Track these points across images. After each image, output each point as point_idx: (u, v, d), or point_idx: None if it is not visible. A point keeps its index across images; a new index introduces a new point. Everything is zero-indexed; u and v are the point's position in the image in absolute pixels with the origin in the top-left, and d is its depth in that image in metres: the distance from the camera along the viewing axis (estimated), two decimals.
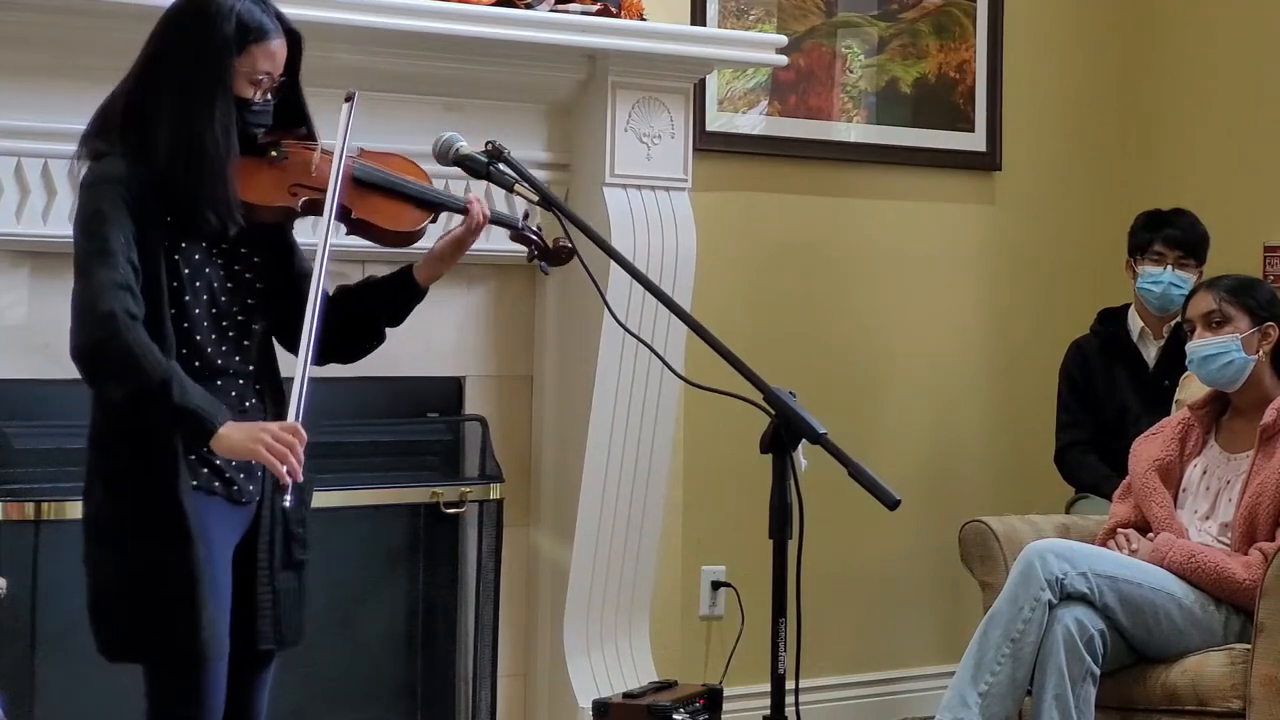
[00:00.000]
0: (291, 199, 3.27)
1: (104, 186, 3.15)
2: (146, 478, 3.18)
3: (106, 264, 3.09)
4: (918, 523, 5.72)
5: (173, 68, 3.21)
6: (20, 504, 4.22)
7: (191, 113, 3.17)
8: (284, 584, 3.32)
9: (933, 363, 5.95)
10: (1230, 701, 4.38)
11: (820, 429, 3.08)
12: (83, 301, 3.11)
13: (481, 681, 4.88)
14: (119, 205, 3.13)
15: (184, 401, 3.09)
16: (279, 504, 3.25)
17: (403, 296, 3.42)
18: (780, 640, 3.13)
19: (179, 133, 3.17)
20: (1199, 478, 4.71)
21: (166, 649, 3.18)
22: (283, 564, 3.32)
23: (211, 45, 3.19)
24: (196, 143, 3.16)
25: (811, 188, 5.70)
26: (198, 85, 3.18)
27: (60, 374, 4.30)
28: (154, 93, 3.21)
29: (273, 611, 3.30)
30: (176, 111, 3.18)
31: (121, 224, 3.12)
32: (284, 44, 3.27)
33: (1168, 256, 5.48)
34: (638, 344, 4.32)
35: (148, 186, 3.16)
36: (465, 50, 4.72)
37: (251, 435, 3.11)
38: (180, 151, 3.16)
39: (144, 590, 3.17)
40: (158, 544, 3.16)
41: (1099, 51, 6.29)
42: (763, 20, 5.56)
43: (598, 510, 4.97)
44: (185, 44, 3.22)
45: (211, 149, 3.17)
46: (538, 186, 3.35)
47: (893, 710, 5.82)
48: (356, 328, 3.43)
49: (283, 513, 3.30)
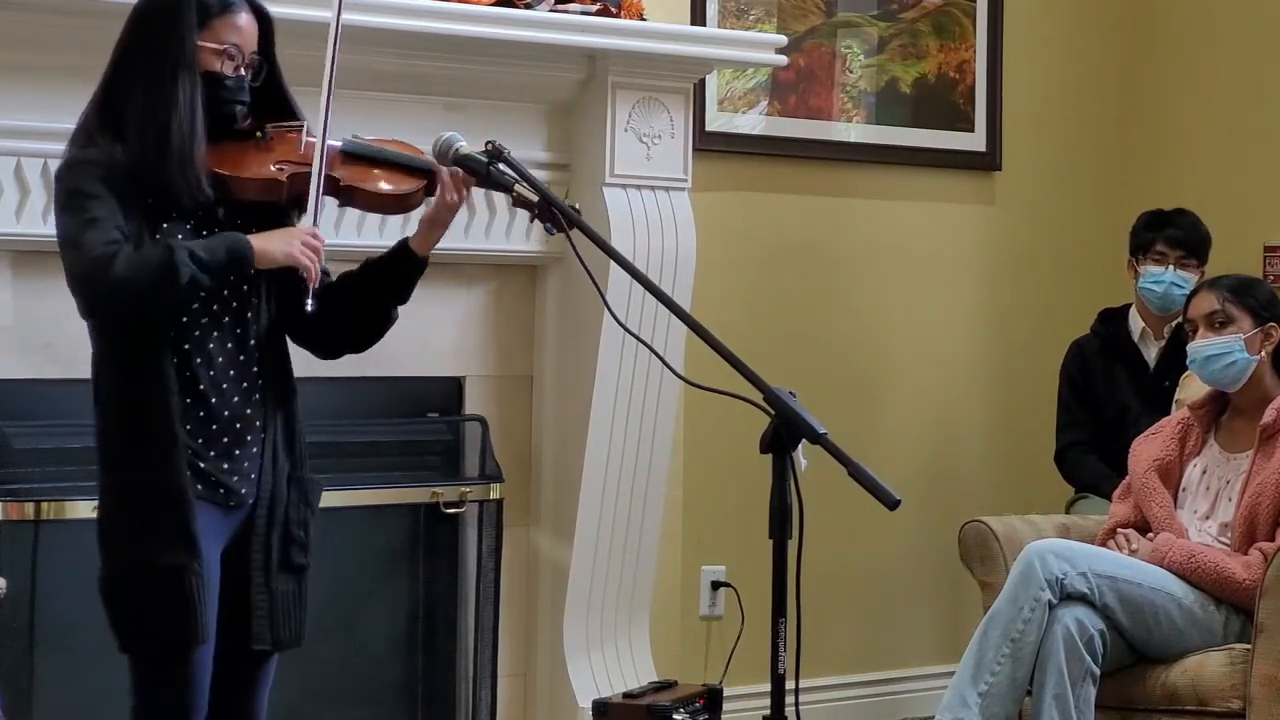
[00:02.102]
0: (277, 173, 3.30)
1: (80, 167, 3.19)
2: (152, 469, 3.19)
3: (96, 229, 3.12)
4: (918, 523, 5.72)
5: (138, 54, 3.25)
6: (20, 504, 4.22)
7: (158, 95, 3.20)
8: (281, 586, 3.32)
9: (933, 362, 5.95)
10: (1230, 701, 4.38)
11: (820, 429, 3.08)
12: (77, 270, 3.13)
13: (481, 681, 4.88)
14: (97, 183, 3.16)
15: (211, 258, 3.14)
16: (279, 504, 3.28)
17: (403, 269, 3.41)
18: (780, 640, 3.12)
19: (146, 115, 3.20)
20: (1199, 478, 4.71)
21: (157, 639, 3.20)
22: (280, 566, 3.32)
23: (174, 26, 3.23)
24: (163, 123, 3.19)
25: (811, 188, 5.70)
26: (162, 68, 3.21)
27: (60, 374, 4.31)
28: (123, 81, 3.25)
29: (268, 613, 3.30)
30: (143, 94, 3.21)
31: (103, 198, 3.15)
32: (252, 20, 3.30)
33: (1170, 256, 5.48)
34: (638, 344, 4.32)
35: (124, 170, 3.18)
36: (465, 50, 4.72)
37: (287, 241, 3.23)
38: (148, 133, 3.19)
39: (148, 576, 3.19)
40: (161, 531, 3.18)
41: (1099, 51, 6.29)
42: (763, 20, 5.56)
43: (598, 510, 4.97)
44: (149, 29, 3.26)
45: (176, 128, 3.19)
46: (538, 186, 3.35)
47: (893, 710, 5.82)
48: (364, 311, 3.43)
49: (283, 515, 3.31)
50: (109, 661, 3.30)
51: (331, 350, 3.46)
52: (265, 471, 3.29)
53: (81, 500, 4.19)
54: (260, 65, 3.31)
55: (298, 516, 3.34)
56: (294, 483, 3.34)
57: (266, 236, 3.23)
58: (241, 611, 3.28)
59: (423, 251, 3.41)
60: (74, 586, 4.24)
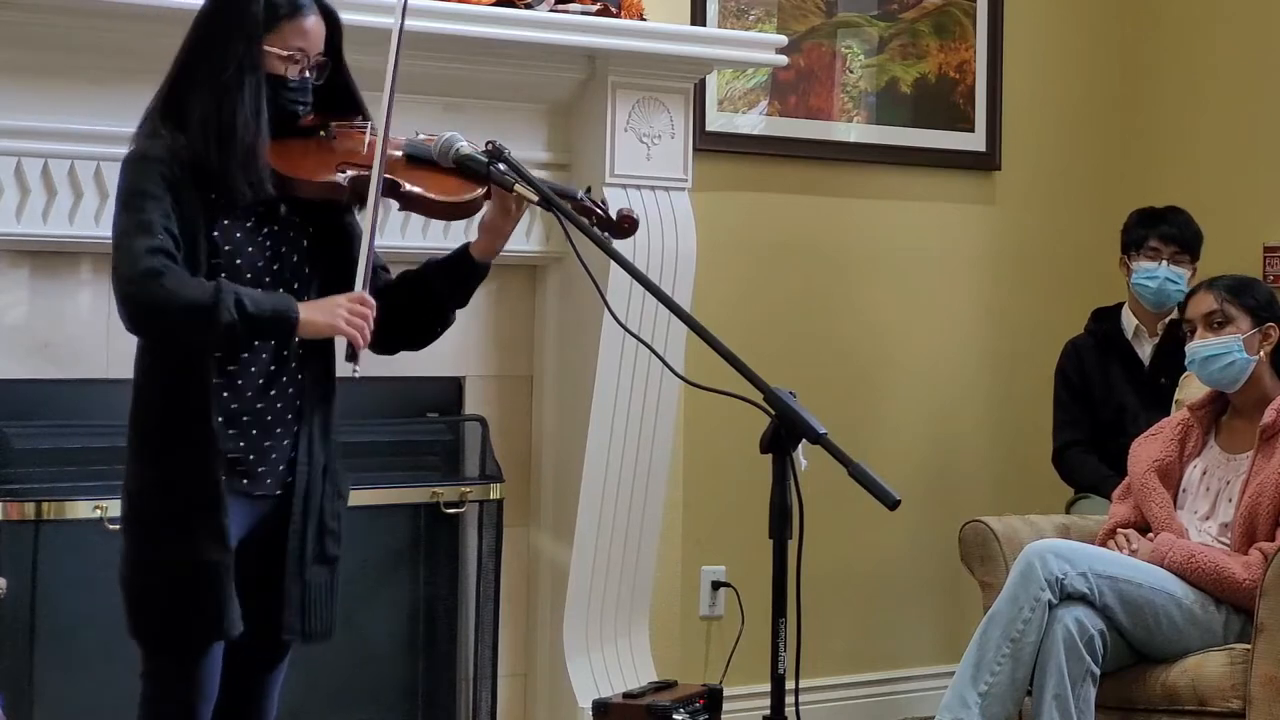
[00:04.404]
0: (338, 174, 3.29)
1: (143, 163, 3.20)
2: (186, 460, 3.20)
3: (144, 234, 3.13)
4: (918, 523, 5.72)
5: (205, 51, 3.26)
6: (20, 504, 4.22)
7: (222, 94, 3.21)
8: (315, 578, 3.33)
9: (933, 362, 5.95)
10: (1230, 701, 4.38)
11: (820, 429, 3.08)
12: (121, 273, 3.14)
13: (481, 681, 4.88)
14: (158, 181, 3.17)
15: (257, 311, 3.14)
16: (314, 496, 3.30)
17: (462, 274, 3.42)
18: (780, 640, 3.12)
19: (210, 114, 3.21)
20: (1199, 478, 4.71)
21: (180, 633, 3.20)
22: (315, 558, 3.33)
23: (241, 26, 3.24)
24: (227, 124, 3.20)
25: (811, 188, 5.70)
26: (228, 67, 3.22)
27: (60, 374, 4.32)
28: (189, 77, 3.26)
29: (300, 604, 3.31)
30: (209, 94, 3.22)
31: (159, 199, 3.16)
32: (320, 21, 3.31)
33: (1163, 252, 5.49)
34: (638, 344, 4.32)
35: (186, 166, 3.20)
36: (465, 50, 4.72)
37: (331, 312, 3.21)
38: (211, 132, 3.20)
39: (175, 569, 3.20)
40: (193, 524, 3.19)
41: (1099, 51, 6.29)
42: (763, 20, 5.56)
43: (598, 510, 4.97)
44: (217, 27, 3.27)
45: (241, 129, 3.20)
46: (538, 186, 3.35)
47: (893, 710, 5.82)
48: (422, 312, 3.45)
49: (318, 507, 3.32)
50: (109, 661, 3.31)
51: (387, 348, 3.46)
52: (300, 464, 3.31)
53: (82, 500, 4.19)
54: (326, 65, 3.32)
55: (332, 508, 3.36)
56: (329, 475, 3.36)
57: (315, 307, 3.22)
58: (270, 603, 3.29)
59: (484, 258, 3.41)
60: (74, 586, 4.25)
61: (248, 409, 3.25)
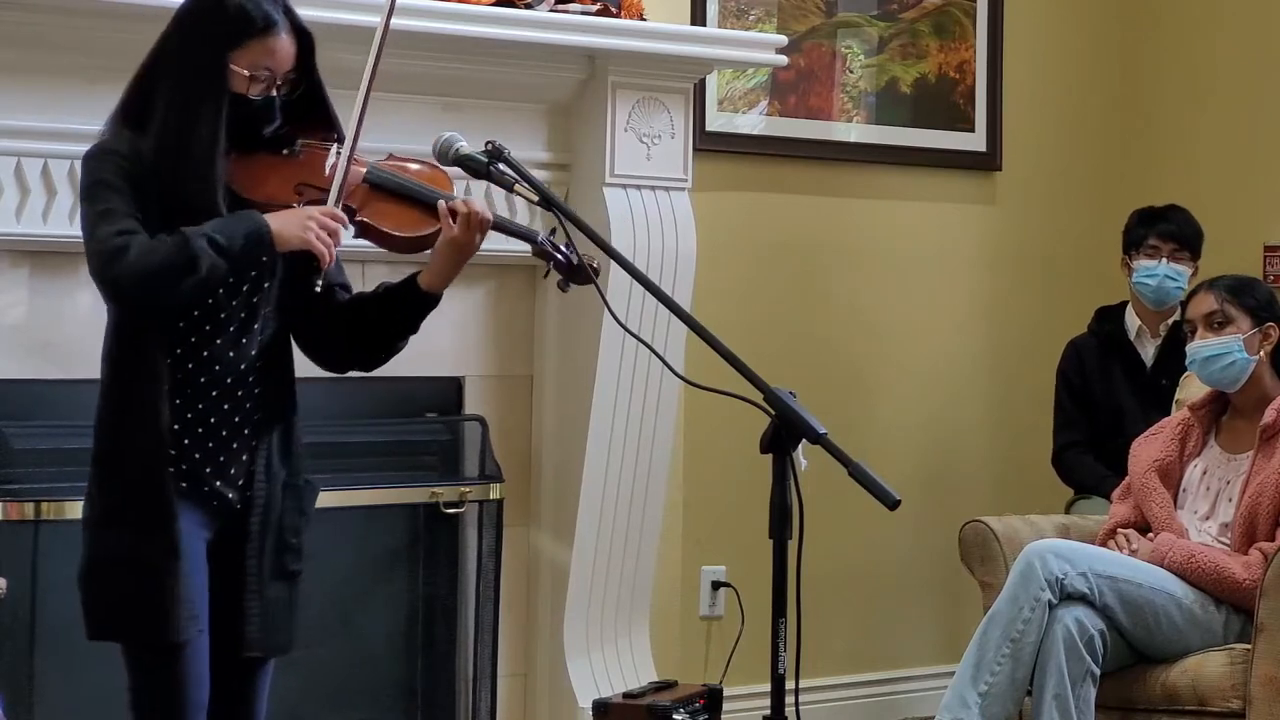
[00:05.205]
0: (296, 197, 3.24)
1: (106, 157, 3.19)
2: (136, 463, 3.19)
3: (106, 221, 3.12)
4: (917, 523, 5.72)
5: (172, 61, 3.23)
6: (20, 504, 4.22)
7: (182, 110, 3.18)
8: (274, 593, 3.30)
9: (933, 362, 5.95)
10: (1230, 701, 4.38)
11: (820, 429, 3.07)
12: (94, 265, 3.13)
13: (481, 681, 4.88)
14: (116, 173, 3.16)
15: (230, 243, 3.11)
16: (273, 510, 3.27)
17: (410, 305, 3.35)
18: (780, 640, 3.12)
19: (168, 127, 3.18)
20: (1199, 478, 4.71)
21: (142, 628, 3.19)
22: (273, 574, 3.30)
23: (209, 39, 3.20)
24: (183, 140, 3.17)
25: (811, 188, 5.70)
26: (191, 82, 3.19)
27: (60, 374, 4.32)
28: (155, 83, 3.23)
29: (260, 620, 3.29)
30: (168, 106, 3.19)
31: (122, 191, 3.15)
32: (291, 39, 3.25)
33: (1162, 250, 5.49)
34: (638, 344, 4.32)
35: (147, 167, 3.18)
36: (465, 50, 4.72)
37: (302, 225, 3.17)
38: (167, 147, 3.18)
39: (123, 569, 3.19)
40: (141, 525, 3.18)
41: (1099, 51, 6.29)
42: (763, 20, 5.56)
43: (598, 510, 4.97)
44: (186, 37, 3.24)
45: (195, 148, 3.17)
46: (538, 186, 3.34)
47: (893, 710, 5.82)
48: (373, 337, 3.39)
49: (277, 522, 3.30)
50: (109, 661, 3.30)
51: (338, 367, 3.43)
52: (259, 478, 3.28)
53: (81, 500, 4.19)
54: (298, 84, 3.28)
55: (291, 523, 3.32)
56: (289, 490, 3.33)
57: (283, 217, 3.18)
58: (235, 617, 3.27)
59: (430, 289, 3.33)
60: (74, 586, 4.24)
61: (201, 420, 3.22)
